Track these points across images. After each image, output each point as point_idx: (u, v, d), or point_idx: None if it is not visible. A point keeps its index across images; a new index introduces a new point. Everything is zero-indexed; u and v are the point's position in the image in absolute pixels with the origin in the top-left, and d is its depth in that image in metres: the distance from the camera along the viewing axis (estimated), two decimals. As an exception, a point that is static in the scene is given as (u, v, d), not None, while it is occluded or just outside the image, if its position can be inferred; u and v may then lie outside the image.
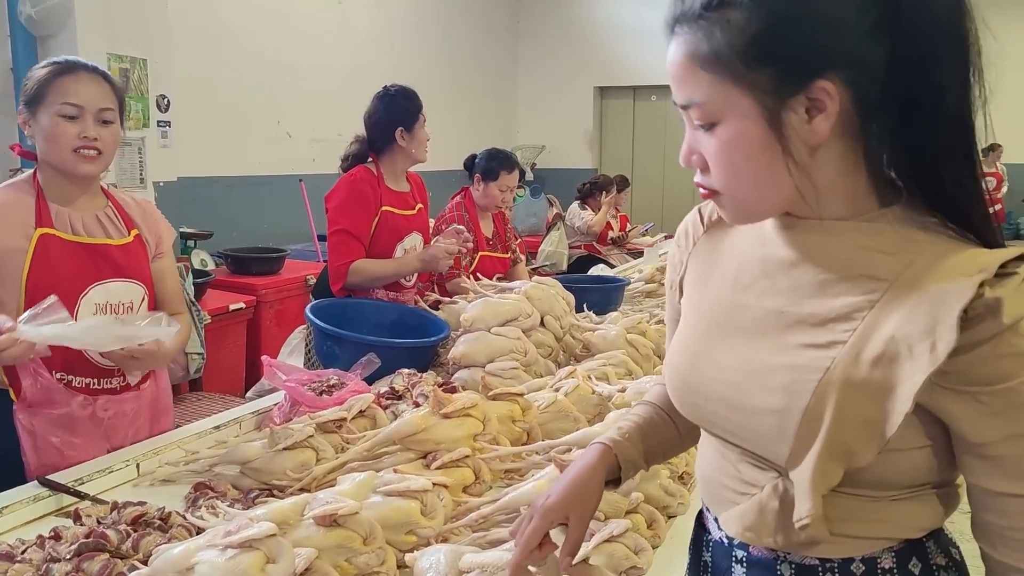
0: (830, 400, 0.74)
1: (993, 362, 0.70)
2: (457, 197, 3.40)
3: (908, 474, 0.78)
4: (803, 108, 0.74)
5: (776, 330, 0.80)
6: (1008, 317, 0.68)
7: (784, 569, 0.84)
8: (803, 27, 0.72)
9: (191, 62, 4.90)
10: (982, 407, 0.72)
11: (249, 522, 1.06)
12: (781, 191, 0.78)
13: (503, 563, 1.01)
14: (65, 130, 1.65)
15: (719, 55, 0.74)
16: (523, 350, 2.18)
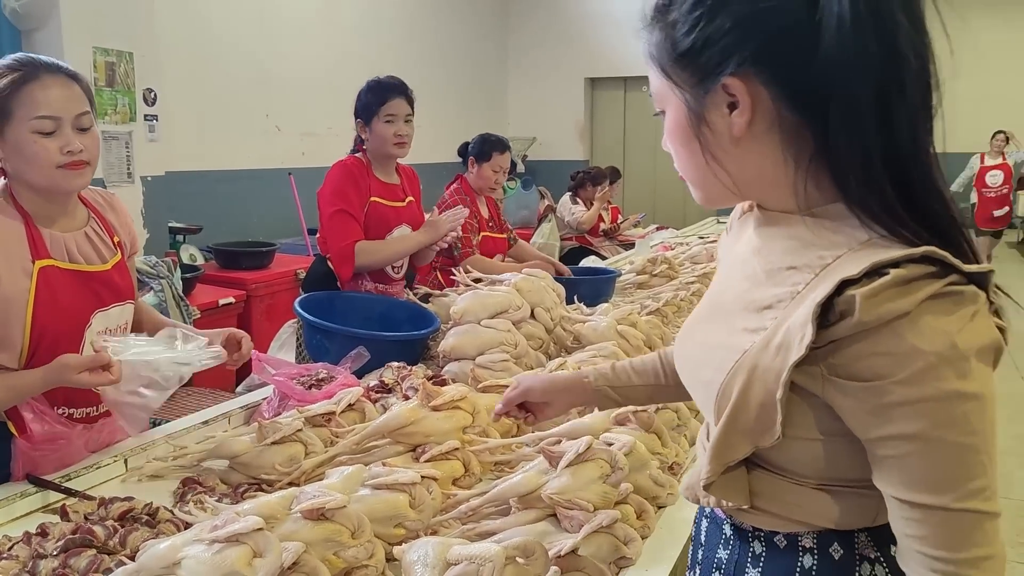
0: (738, 380, 0.79)
1: (868, 359, 0.71)
2: (454, 184, 3.44)
3: (814, 464, 0.81)
4: (725, 104, 0.79)
5: (734, 313, 0.84)
6: (864, 315, 0.69)
7: (727, 529, 0.92)
8: (715, 29, 0.77)
9: (178, 55, 4.87)
10: (860, 403, 0.73)
11: (236, 516, 1.06)
12: (712, 178, 0.83)
13: (491, 555, 1.00)
14: (44, 147, 1.49)
15: (657, 54, 0.83)
16: (513, 342, 2.17)
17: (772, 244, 0.84)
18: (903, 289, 0.70)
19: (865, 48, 0.72)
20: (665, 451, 1.54)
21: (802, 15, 0.73)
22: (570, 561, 1.17)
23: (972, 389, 0.71)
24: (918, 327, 0.70)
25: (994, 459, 0.73)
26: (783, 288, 0.79)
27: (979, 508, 0.72)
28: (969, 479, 0.72)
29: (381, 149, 2.62)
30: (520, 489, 1.33)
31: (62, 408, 1.64)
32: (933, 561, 0.74)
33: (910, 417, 0.71)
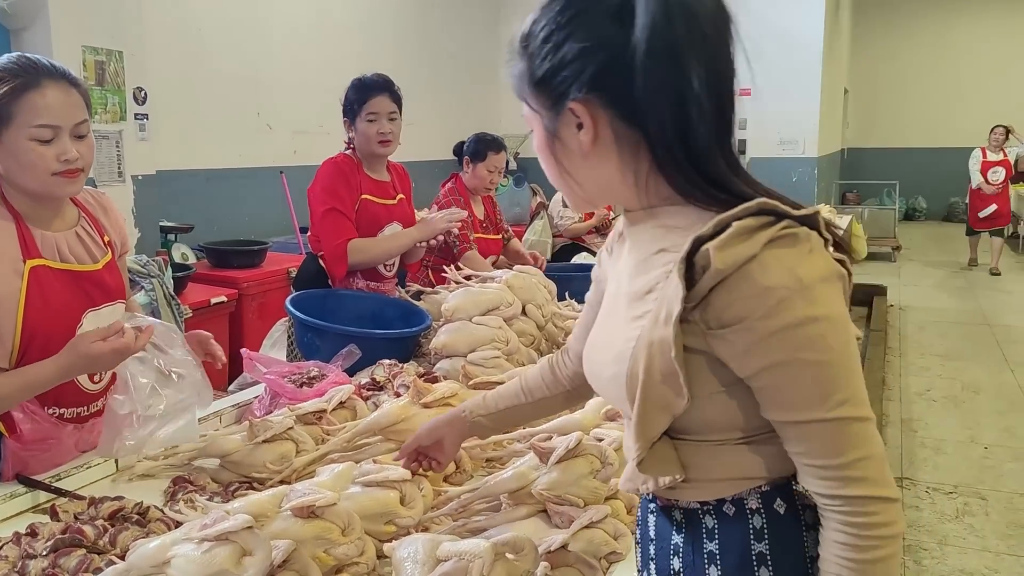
0: (641, 361, 0.87)
1: (731, 305, 0.81)
2: (449, 183, 3.43)
3: (726, 418, 0.89)
4: (573, 124, 0.90)
5: (621, 309, 0.94)
6: (719, 263, 0.79)
7: (677, 515, 0.97)
8: (560, 61, 0.89)
9: (168, 54, 4.85)
10: (734, 346, 0.83)
11: (225, 515, 1.06)
12: (569, 188, 0.96)
13: (481, 551, 1.01)
14: (42, 155, 1.49)
15: (518, 82, 0.95)
16: (505, 339, 2.18)
17: (641, 237, 0.95)
18: (746, 237, 0.80)
19: (663, 79, 0.85)
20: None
21: (622, 50, 0.85)
22: (560, 556, 1.17)
23: (821, 312, 0.81)
24: (764, 267, 0.80)
25: (856, 371, 0.84)
26: (658, 270, 0.89)
27: (848, 415, 0.82)
28: (834, 391, 0.82)
29: (366, 148, 2.62)
30: (510, 485, 1.34)
31: (52, 408, 1.63)
32: (819, 470, 0.84)
33: (774, 347, 0.81)
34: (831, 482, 0.84)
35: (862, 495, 0.83)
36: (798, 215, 0.83)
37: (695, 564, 0.94)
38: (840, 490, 0.83)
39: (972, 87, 13.39)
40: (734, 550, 0.92)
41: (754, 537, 0.91)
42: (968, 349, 6.13)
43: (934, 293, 8.18)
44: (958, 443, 4.31)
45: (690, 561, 0.95)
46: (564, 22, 0.89)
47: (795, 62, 8.41)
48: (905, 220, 13.28)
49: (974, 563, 3.13)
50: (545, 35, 0.90)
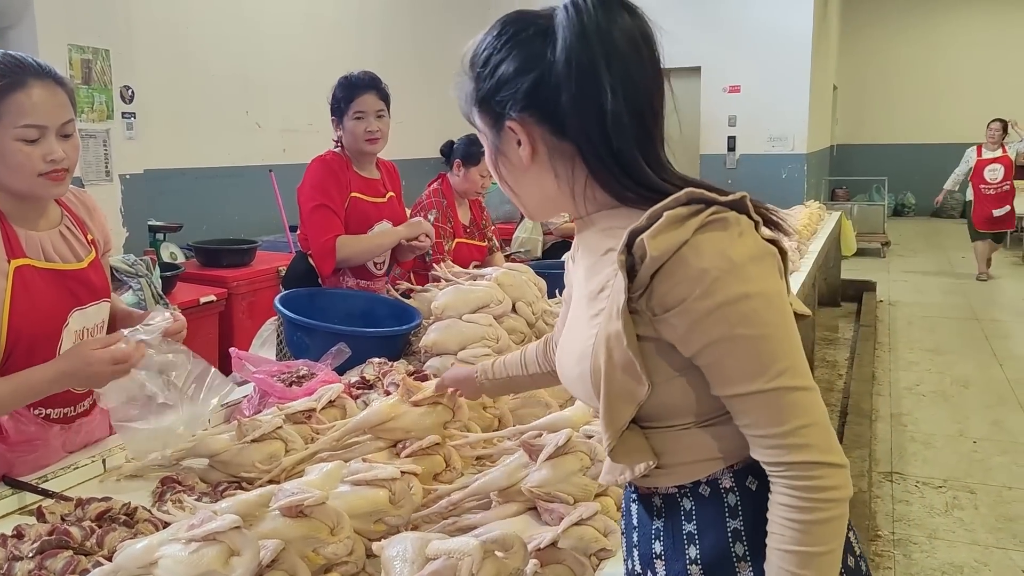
0: (601, 355, 0.91)
1: (671, 290, 0.86)
2: (434, 184, 3.36)
3: (688, 401, 0.93)
4: (514, 140, 0.97)
5: (580, 312, 1.00)
6: (653, 251, 0.85)
7: (657, 501, 1.01)
8: (496, 83, 0.96)
9: (155, 52, 4.82)
10: (677, 328, 0.87)
11: (213, 515, 1.05)
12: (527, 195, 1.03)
13: (470, 548, 1.00)
14: (28, 155, 1.47)
15: (465, 102, 1.02)
16: (495, 337, 2.17)
17: (589, 242, 1.01)
18: (678, 225, 0.86)
19: (582, 94, 0.91)
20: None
21: (546, 71, 0.93)
22: (550, 554, 1.17)
23: (753, 289, 0.86)
24: (697, 250, 0.85)
25: (793, 342, 0.88)
26: (607, 269, 0.93)
27: (787, 384, 0.86)
28: (772, 363, 0.86)
29: (354, 146, 2.61)
30: (500, 483, 1.34)
31: (39, 409, 1.62)
32: (764, 439, 0.88)
33: (712, 325, 0.86)
34: (776, 450, 0.87)
35: (806, 460, 0.86)
36: (726, 200, 0.88)
37: (675, 546, 0.98)
38: (785, 456, 0.87)
39: (960, 83, 13.45)
40: (711, 529, 0.96)
41: (729, 514, 0.95)
42: (957, 344, 6.16)
43: (923, 288, 8.22)
44: (947, 437, 4.34)
45: (670, 543, 0.99)
46: (500, 45, 0.96)
47: (784, 59, 8.43)
48: (894, 216, 13.34)
49: (963, 556, 3.15)
50: (485, 57, 0.98)
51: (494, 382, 1.44)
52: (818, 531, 0.86)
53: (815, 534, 0.86)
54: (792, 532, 0.87)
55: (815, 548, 0.86)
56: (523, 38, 0.95)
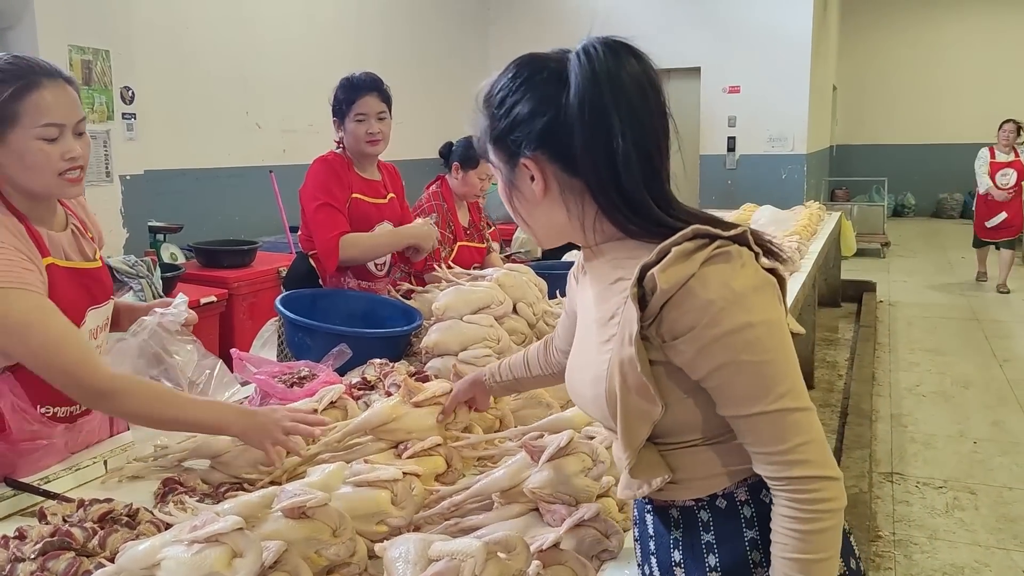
0: (616, 379, 0.98)
1: (679, 319, 0.92)
2: (433, 186, 3.34)
3: (698, 419, 1.00)
4: (527, 176, 1.03)
5: (592, 336, 1.06)
6: (663, 283, 0.92)
7: (674, 512, 1.07)
8: (511, 122, 1.02)
9: (155, 53, 4.82)
10: (684, 354, 0.94)
11: (215, 516, 1.05)
12: (537, 227, 1.09)
13: (472, 550, 1.00)
14: (49, 154, 1.49)
15: (481, 137, 1.08)
16: (496, 337, 2.17)
17: (598, 271, 1.07)
18: (685, 259, 0.93)
19: (593, 136, 0.97)
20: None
21: (559, 113, 0.99)
22: (552, 555, 1.17)
23: (756, 319, 0.92)
24: (704, 282, 0.92)
25: (792, 367, 0.95)
26: (617, 297, 1.01)
27: (788, 406, 0.93)
28: (774, 386, 0.93)
29: (355, 147, 2.61)
30: (502, 484, 1.34)
31: (46, 407, 1.62)
32: (766, 456, 0.95)
33: (718, 351, 0.92)
34: (777, 466, 0.94)
35: (805, 475, 0.93)
36: (729, 235, 0.95)
37: (694, 555, 1.05)
38: (785, 472, 0.94)
39: (960, 83, 13.46)
40: (729, 538, 1.03)
41: (746, 525, 1.02)
42: (957, 344, 6.16)
43: (923, 289, 8.22)
44: (948, 438, 4.34)
45: (689, 553, 1.05)
46: (515, 87, 1.03)
47: (784, 59, 8.43)
48: (894, 216, 13.34)
49: (964, 557, 3.15)
50: (501, 98, 1.04)
51: (501, 384, 1.53)
52: (817, 540, 0.93)
53: (814, 542, 0.93)
54: (794, 541, 0.94)
55: (815, 555, 0.93)
56: (537, 81, 1.01)
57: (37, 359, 1.44)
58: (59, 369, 1.43)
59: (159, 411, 1.47)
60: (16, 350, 1.45)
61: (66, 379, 1.44)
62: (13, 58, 1.50)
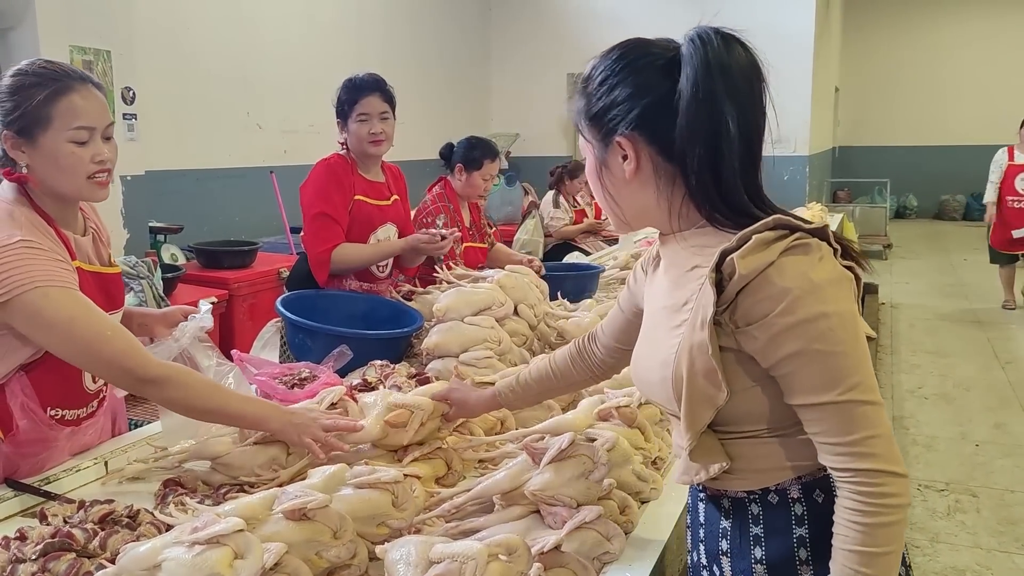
0: (684, 363, 1.01)
1: (755, 305, 0.95)
2: (436, 187, 3.35)
3: (762, 409, 1.02)
4: (620, 155, 1.07)
5: (661, 322, 1.09)
6: (742, 269, 0.95)
7: (725, 503, 1.11)
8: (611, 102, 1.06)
9: (156, 53, 4.83)
10: (758, 340, 0.96)
11: (216, 518, 1.05)
12: (622, 208, 1.11)
13: (474, 552, 1.00)
14: (80, 157, 1.51)
15: (577, 116, 1.11)
16: (497, 339, 2.17)
17: (675, 258, 1.10)
18: (764, 247, 0.96)
19: (701, 121, 0.99)
20: (648, 446, 1.55)
21: (666, 96, 1.01)
22: (553, 557, 1.17)
23: (831, 309, 0.94)
24: (782, 271, 0.95)
25: (864, 360, 0.96)
26: (692, 284, 1.03)
27: (857, 398, 0.95)
28: (845, 377, 0.94)
29: (358, 148, 2.61)
30: (503, 486, 1.34)
31: (55, 410, 1.61)
32: (833, 447, 0.96)
33: (792, 339, 0.94)
34: (843, 457, 0.95)
35: (871, 468, 0.94)
36: (809, 228, 0.98)
37: (741, 545, 1.08)
38: (851, 464, 0.95)
39: (962, 85, 13.45)
40: (777, 533, 1.05)
41: (795, 522, 1.05)
42: (959, 346, 6.15)
43: (925, 291, 8.22)
44: (949, 440, 4.33)
45: (737, 542, 1.09)
46: (618, 70, 1.06)
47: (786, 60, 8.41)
48: (896, 218, 13.34)
49: (966, 560, 3.15)
50: (601, 79, 1.07)
51: (520, 396, 1.52)
52: (880, 533, 0.94)
53: (877, 536, 0.94)
54: (856, 534, 0.95)
55: (877, 549, 0.94)
56: (641, 65, 1.05)
57: (85, 353, 1.45)
58: (108, 360, 1.45)
59: (205, 401, 1.50)
60: (61, 347, 1.46)
61: (116, 369, 1.46)
62: (45, 63, 1.54)
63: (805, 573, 1.04)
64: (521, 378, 1.52)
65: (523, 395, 1.52)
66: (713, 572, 1.13)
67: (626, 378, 1.82)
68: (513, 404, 1.56)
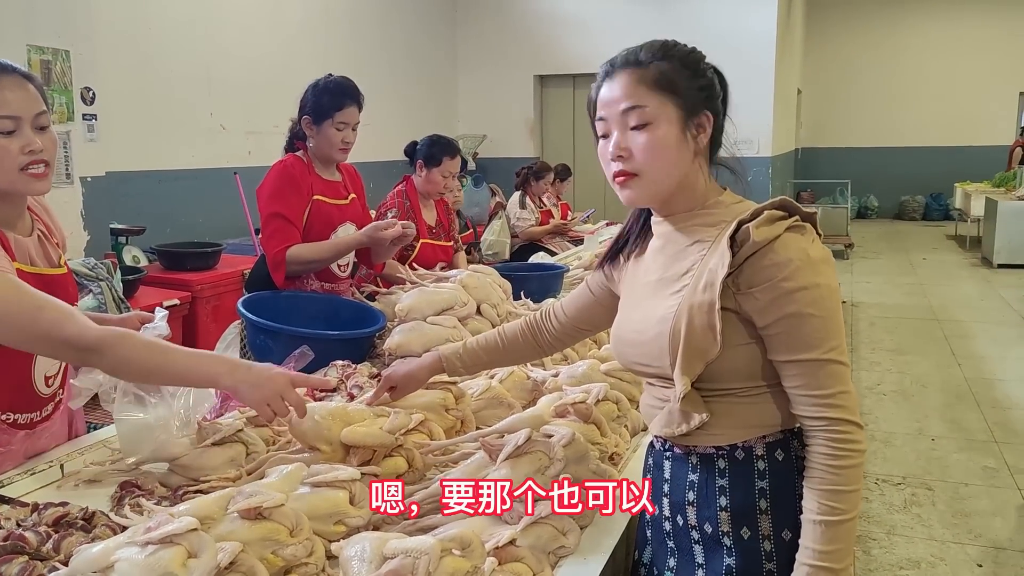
0: (683, 320, 1.16)
1: (761, 271, 1.12)
2: (399, 185, 3.35)
3: (747, 366, 1.17)
4: (695, 127, 1.22)
5: (657, 290, 1.24)
6: (756, 236, 1.11)
7: (693, 459, 1.25)
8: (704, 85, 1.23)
9: (117, 53, 4.77)
10: (758, 301, 1.13)
11: (170, 518, 1.05)
12: (675, 176, 1.22)
13: (427, 547, 1.02)
14: (6, 148, 1.48)
15: (669, 83, 1.20)
16: (459, 339, 2.18)
17: (676, 236, 1.26)
18: (772, 223, 1.14)
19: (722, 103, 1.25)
20: (604, 441, 1.57)
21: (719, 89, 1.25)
22: (509, 552, 1.19)
23: (823, 281, 1.13)
24: (786, 245, 1.13)
25: (841, 328, 1.15)
26: (693, 256, 1.20)
27: (836, 358, 1.13)
28: (828, 339, 1.13)
29: (325, 152, 2.60)
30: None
31: (6, 414, 1.59)
32: (811, 399, 1.14)
33: (790, 302, 1.12)
34: (819, 408, 1.13)
35: (841, 418, 1.12)
36: (805, 212, 1.17)
37: (707, 495, 1.22)
38: (825, 413, 1.13)
39: (921, 88, 13.72)
40: (741, 485, 1.20)
41: (757, 476, 1.20)
42: (917, 343, 6.28)
43: (885, 290, 8.37)
44: (907, 435, 4.42)
45: (703, 492, 1.23)
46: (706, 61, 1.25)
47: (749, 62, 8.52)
48: (857, 218, 13.56)
49: (921, 552, 3.22)
50: (696, 58, 1.23)
51: (465, 363, 1.61)
52: (848, 474, 1.12)
53: (845, 476, 1.12)
54: (829, 475, 1.12)
55: (847, 487, 1.12)
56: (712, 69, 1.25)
57: (18, 330, 1.39)
58: (44, 333, 1.38)
59: (150, 360, 1.41)
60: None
61: (54, 341, 1.39)
62: None
63: (764, 520, 1.20)
64: (468, 344, 1.61)
65: (468, 362, 1.60)
66: (676, 522, 1.27)
67: (584, 375, 1.85)
68: (456, 369, 1.61)
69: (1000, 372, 5.53)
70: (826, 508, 1.12)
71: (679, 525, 1.26)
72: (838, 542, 1.12)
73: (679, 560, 1.28)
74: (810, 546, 1.13)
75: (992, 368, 5.62)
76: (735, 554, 1.21)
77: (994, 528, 3.40)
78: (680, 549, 1.27)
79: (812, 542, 1.13)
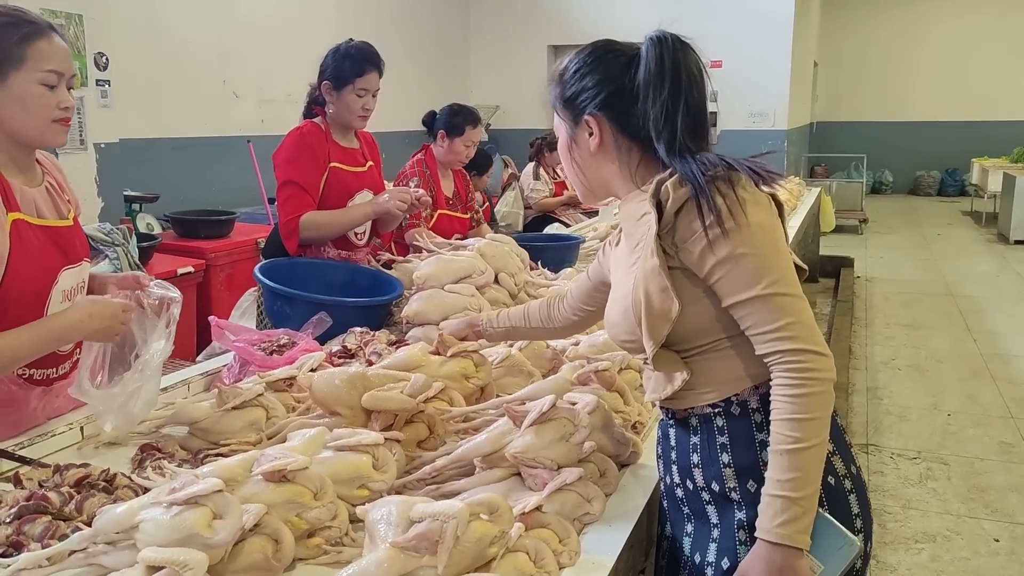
0: (640, 288, 1.19)
1: (691, 224, 1.15)
2: (418, 155, 3.32)
3: (711, 321, 1.19)
4: (587, 132, 1.29)
5: (624, 269, 1.29)
6: (674, 192, 1.15)
7: (693, 422, 1.26)
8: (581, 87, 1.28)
9: (130, 18, 4.72)
10: (694, 252, 1.15)
11: (195, 479, 1.04)
12: (590, 175, 1.33)
13: (455, 511, 1.00)
14: (48, 100, 1.53)
15: (552, 100, 1.33)
16: (477, 307, 2.16)
17: (630, 214, 1.28)
18: None
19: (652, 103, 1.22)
20: (627, 409, 1.55)
21: (625, 83, 1.24)
22: (534, 518, 1.17)
23: (752, 220, 1.13)
24: None
25: (783, 262, 1.15)
26: (643, 228, 1.21)
27: (778, 291, 1.12)
28: (765, 275, 1.12)
29: (343, 118, 2.57)
30: (484, 449, 1.34)
31: (23, 369, 1.60)
32: (763, 336, 1.14)
33: (720, 246, 1.13)
34: (772, 342, 1.13)
35: (794, 348, 1.11)
36: (729, 161, 1.18)
37: (711, 454, 1.24)
38: (778, 346, 1.12)
39: (938, 62, 13.51)
40: (741, 439, 1.21)
41: (756, 429, 1.21)
42: (932, 319, 6.23)
43: (899, 264, 8.30)
44: (922, 410, 4.40)
45: (706, 453, 1.24)
46: (589, 62, 1.28)
47: (766, 35, 8.42)
48: (872, 193, 13.43)
49: (936, 526, 3.21)
50: (575, 69, 1.29)
51: (497, 331, 1.70)
52: (803, 402, 1.10)
53: (802, 404, 1.10)
54: (785, 405, 1.11)
55: (802, 416, 1.10)
56: (609, 59, 1.27)
57: None
58: None
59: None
60: None
61: None
62: (15, 8, 1.56)
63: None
64: (502, 313, 1.72)
65: (498, 328, 1.70)
66: (687, 487, 1.28)
67: (607, 344, 1.84)
68: (488, 333, 1.71)
69: (1017, 348, 5.48)
70: (784, 438, 1.10)
71: (689, 490, 1.27)
72: (796, 470, 1.09)
73: (696, 524, 1.29)
74: (771, 476, 1.12)
75: (1008, 344, 5.57)
76: (744, 507, 1.21)
77: (1011, 503, 3.38)
78: (695, 513, 1.28)
79: (773, 472, 1.12)
